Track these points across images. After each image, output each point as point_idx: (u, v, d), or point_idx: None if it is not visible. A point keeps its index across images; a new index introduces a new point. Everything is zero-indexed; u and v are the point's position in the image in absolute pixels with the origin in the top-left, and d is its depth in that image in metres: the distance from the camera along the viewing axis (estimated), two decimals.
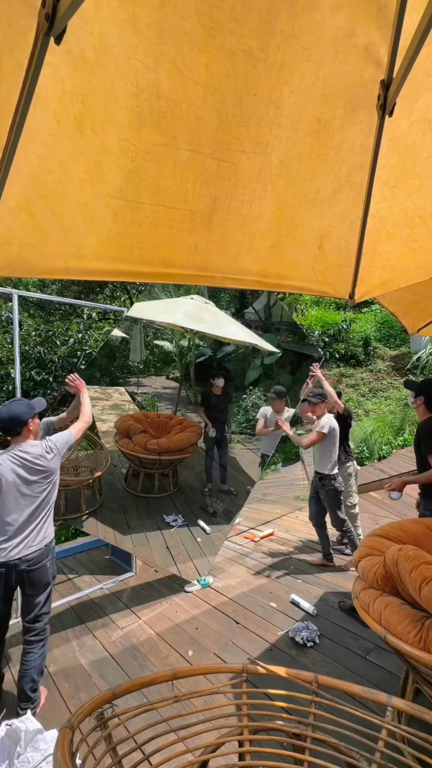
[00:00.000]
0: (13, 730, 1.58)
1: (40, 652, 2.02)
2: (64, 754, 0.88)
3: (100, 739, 1.18)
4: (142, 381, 9.03)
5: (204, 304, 4.68)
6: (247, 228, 1.36)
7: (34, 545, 1.97)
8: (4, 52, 0.76)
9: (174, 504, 4.51)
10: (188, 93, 0.92)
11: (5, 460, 1.91)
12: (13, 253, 1.27)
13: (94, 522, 3.79)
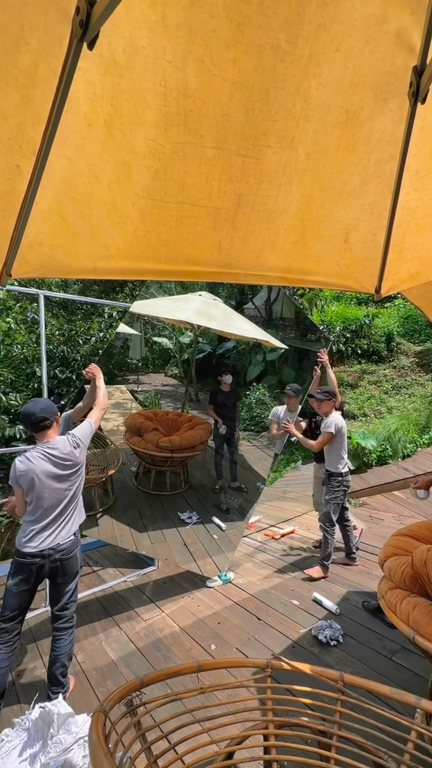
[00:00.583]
0: (47, 712, 1.65)
1: (69, 638, 2.09)
2: (98, 736, 0.92)
3: (130, 726, 1.22)
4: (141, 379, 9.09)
5: (212, 301, 4.63)
6: (272, 224, 1.35)
7: (66, 535, 2.05)
8: (40, 60, 0.79)
9: (187, 502, 4.55)
10: (215, 90, 0.92)
11: (36, 458, 1.97)
12: (44, 255, 1.32)
13: (109, 520, 3.88)
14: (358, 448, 6.08)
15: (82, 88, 0.86)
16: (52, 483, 1.99)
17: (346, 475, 3.37)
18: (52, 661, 2.03)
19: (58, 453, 2.00)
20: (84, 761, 1.50)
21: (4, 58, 0.76)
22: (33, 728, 1.69)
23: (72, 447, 2.06)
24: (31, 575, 1.95)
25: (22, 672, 2.30)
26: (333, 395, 3.37)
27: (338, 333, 8.84)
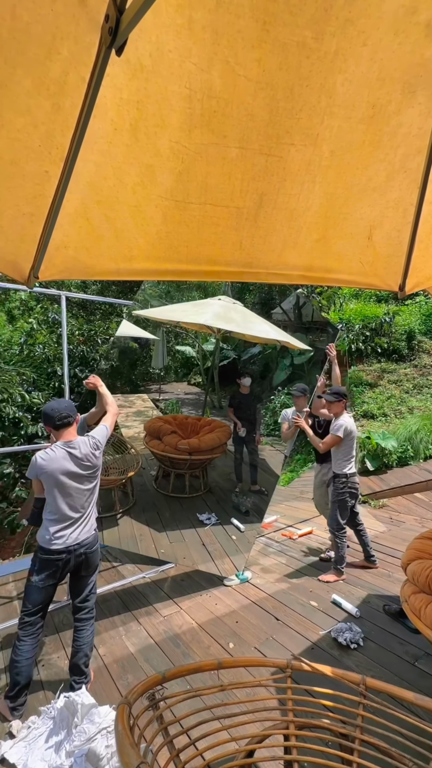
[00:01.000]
0: (71, 702, 1.70)
1: (91, 629, 2.15)
2: (124, 727, 0.94)
3: (152, 719, 1.24)
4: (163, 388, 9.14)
5: (232, 304, 4.64)
6: (294, 222, 1.34)
7: (89, 530, 2.11)
8: (70, 68, 0.81)
9: (206, 503, 4.57)
10: (239, 90, 0.92)
11: (58, 455, 2.01)
12: (69, 257, 1.35)
13: (129, 520, 3.95)
14: (377, 448, 5.96)
15: (109, 93, 0.88)
16: (73, 482, 2.04)
17: (351, 476, 3.27)
18: (75, 651, 2.09)
19: (79, 453, 2.05)
20: (107, 751, 1.54)
21: (37, 68, 0.79)
22: (58, 717, 1.74)
23: (92, 449, 2.11)
24: (57, 571, 2.01)
25: (46, 662, 2.37)
26: (343, 396, 3.27)
27: (357, 331, 8.67)
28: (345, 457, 3.27)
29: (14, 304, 9.97)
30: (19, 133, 0.89)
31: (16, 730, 1.84)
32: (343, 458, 3.27)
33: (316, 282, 1.77)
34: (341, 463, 3.27)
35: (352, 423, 3.27)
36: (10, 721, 1.89)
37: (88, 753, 1.49)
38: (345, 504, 3.26)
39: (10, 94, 0.81)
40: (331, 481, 3.34)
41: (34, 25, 0.71)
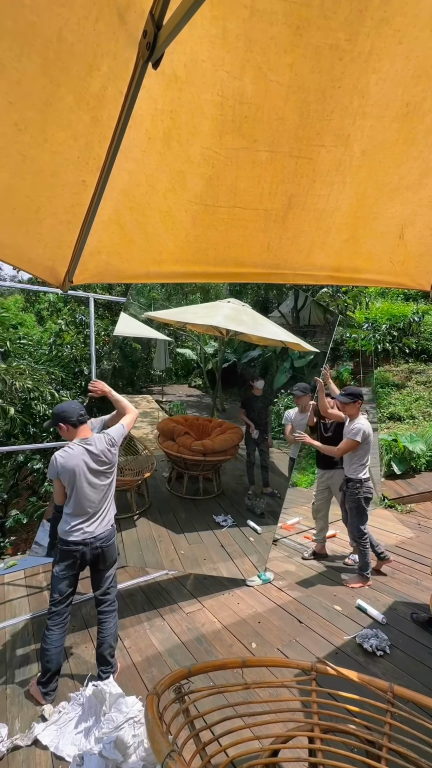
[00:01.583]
0: (99, 690, 1.76)
1: (114, 621, 2.22)
2: (154, 716, 0.97)
3: (179, 712, 1.27)
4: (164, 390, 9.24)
5: (241, 307, 4.69)
6: (322, 223, 1.33)
7: (106, 525, 2.18)
8: (109, 83, 0.84)
9: (220, 506, 4.59)
10: (271, 95, 0.93)
11: (77, 453, 2.08)
12: (102, 262, 1.40)
13: (146, 522, 4.03)
14: (405, 451, 5.78)
15: (145, 104, 0.91)
16: (91, 478, 2.10)
17: (366, 481, 3.17)
18: (100, 642, 2.16)
19: (95, 449, 2.11)
20: (134, 740, 1.59)
21: (78, 84, 0.83)
22: (87, 704, 1.81)
23: (107, 445, 2.16)
24: (75, 561, 2.09)
25: (74, 653, 2.46)
26: (358, 396, 3.13)
27: (384, 331, 8.43)
28: (360, 462, 3.17)
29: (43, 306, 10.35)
30: (61, 146, 0.94)
31: (48, 714, 1.92)
32: (358, 463, 3.17)
33: (343, 282, 1.75)
34: (356, 468, 3.17)
35: (369, 426, 3.16)
36: (43, 705, 1.98)
37: (116, 741, 1.54)
38: (363, 509, 3.18)
39: (54, 111, 0.86)
40: (345, 487, 3.24)
41: (77, 45, 0.75)
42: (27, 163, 0.95)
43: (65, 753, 1.72)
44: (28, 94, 0.80)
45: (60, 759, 1.73)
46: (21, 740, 1.80)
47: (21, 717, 1.97)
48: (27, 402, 5.34)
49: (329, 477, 3.55)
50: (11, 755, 1.77)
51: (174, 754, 0.81)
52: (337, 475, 3.51)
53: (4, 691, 2.15)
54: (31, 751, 1.79)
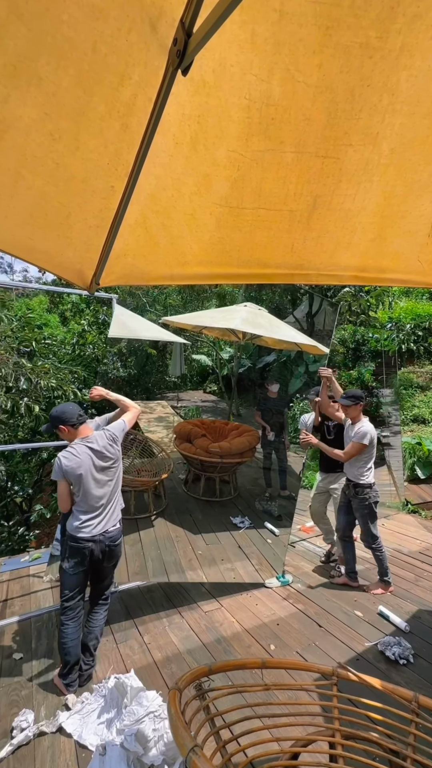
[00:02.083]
0: (121, 683, 1.80)
1: (104, 614, 2.29)
2: (177, 711, 0.99)
3: (199, 709, 1.28)
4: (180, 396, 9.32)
5: (257, 311, 4.74)
6: (348, 223, 1.32)
7: (113, 523, 2.21)
8: (139, 91, 0.87)
9: (237, 507, 4.61)
10: (298, 96, 0.93)
11: (81, 453, 2.10)
12: (128, 264, 1.44)
13: (164, 522, 4.08)
14: (429, 455, 5.60)
15: (173, 110, 0.93)
16: (97, 475, 2.14)
17: (374, 485, 3.09)
18: (88, 632, 2.21)
19: (96, 446, 2.14)
20: (154, 734, 1.62)
21: (110, 93, 0.85)
22: (109, 696, 1.86)
23: (108, 441, 2.20)
24: (84, 558, 2.12)
25: None
26: (360, 398, 3.08)
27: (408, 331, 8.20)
28: (366, 465, 3.08)
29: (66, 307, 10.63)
30: (92, 154, 0.97)
31: (71, 704, 1.98)
32: (364, 467, 3.08)
33: (368, 282, 1.72)
34: (363, 472, 3.07)
35: (373, 428, 3.08)
36: (66, 695, 2.05)
37: (137, 733, 1.58)
38: (374, 514, 3.09)
39: (86, 120, 0.89)
40: (353, 494, 3.14)
41: (110, 56, 0.78)
42: (60, 171, 0.98)
43: (88, 742, 1.77)
44: (63, 105, 0.83)
45: (83, 747, 1.78)
46: (46, 727, 1.87)
47: (46, 704, 2.05)
48: (51, 400, 5.51)
49: (330, 481, 3.47)
50: (37, 740, 1.84)
51: (197, 749, 0.83)
52: (338, 479, 3.43)
53: (29, 678, 2.24)
54: (56, 738, 1.85)
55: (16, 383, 5.03)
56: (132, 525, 3.97)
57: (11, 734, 1.86)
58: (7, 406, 4.68)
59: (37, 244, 1.21)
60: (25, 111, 0.82)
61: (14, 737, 1.82)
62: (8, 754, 1.76)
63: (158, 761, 1.58)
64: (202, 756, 0.81)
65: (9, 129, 0.84)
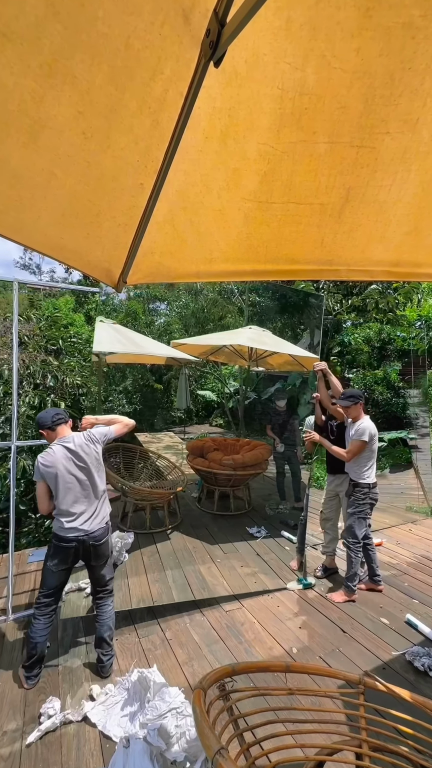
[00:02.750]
0: (144, 677, 1.82)
1: (111, 603, 2.31)
2: (202, 711, 0.98)
3: (223, 710, 1.27)
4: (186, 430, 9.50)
5: (262, 332, 5.13)
6: (382, 215, 1.26)
7: (100, 523, 2.21)
8: (170, 86, 0.86)
9: (252, 520, 4.64)
10: (333, 83, 0.89)
11: (57, 452, 2.15)
12: (155, 262, 1.44)
13: (180, 536, 4.15)
14: None
15: (204, 104, 0.91)
16: (75, 472, 2.16)
17: (374, 486, 2.99)
18: (100, 625, 2.24)
19: (72, 445, 2.18)
20: (176, 730, 1.62)
21: (142, 89, 0.85)
22: (132, 689, 1.88)
23: (86, 440, 2.22)
24: (67, 557, 2.15)
25: (118, 638, 2.56)
26: (359, 398, 2.98)
27: None
28: (367, 464, 2.98)
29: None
30: (122, 151, 0.98)
31: (96, 694, 2.02)
32: (365, 465, 2.98)
33: (401, 278, 1.65)
34: (363, 472, 2.98)
35: (373, 426, 2.97)
36: (25, 688, 2.11)
37: (160, 729, 1.59)
38: (365, 516, 2.99)
39: (118, 117, 0.89)
40: (351, 492, 3.05)
41: (143, 51, 0.77)
42: (91, 170, 0.99)
43: (112, 733, 1.81)
44: (95, 103, 0.84)
45: (107, 738, 1.81)
46: (72, 715, 1.91)
47: (72, 693, 2.10)
48: (76, 397, 5.65)
49: (338, 483, 3.36)
50: (64, 728, 1.89)
51: (224, 752, 0.82)
52: (346, 480, 3.32)
53: (56, 668, 2.30)
54: (82, 726, 1.90)
55: (43, 380, 5.19)
56: (149, 538, 4.05)
57: (39, 720, 1.92)
58: (35, 402, 4.84)
59: (68, 243, 1.23)
60: (60, 110, 0.83)
61: (42, 723, 1.88)
62: (36, 739, 1.82)
63: (180, 758, 1.58)
64: (229, 759, 0.80)
65: (44, 129, 0.85)
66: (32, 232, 1.14)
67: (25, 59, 0.72)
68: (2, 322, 6.06)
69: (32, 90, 0.77)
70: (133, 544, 3.77)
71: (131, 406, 8.82)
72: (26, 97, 0.78)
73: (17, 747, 1.80)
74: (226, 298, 10.78)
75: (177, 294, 12.33)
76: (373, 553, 3.16)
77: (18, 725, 1.91)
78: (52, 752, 1.77)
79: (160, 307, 12.72)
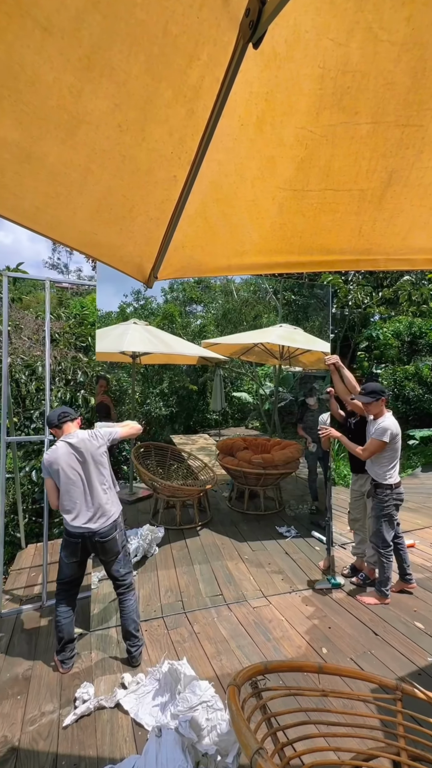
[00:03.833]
0: (174, 669, 1.84)
1: (132, 597, 2.32)
2: (238, 709, 0.98)
3: (256, 707, 1.26)
4: (222, 433, 9.50)
5: (293, 329, 5.05)
6: (428, 199, 1.19)
7: (104, 523, 2.22)
8: (207, 72, 0.83)
9: (282, 520, 4.59)
10: (380, 58, 0.84)
11: (60, 448, 2.19)
12: (186, 256, 1.42)
13: (209, 532, 4.17)
14: None
15: (240, 89, 0.88)
16: (76, 467, 2.19)
17: (396, 486, 2.82)
18: (125, 619, 2.28)
19: (74, 441, 2.20)
20: (207, 723, 1.63)
21: (178, 77, 0.83)
22: (163, 680, 1.91)
23: (89, 437, 2.24)
24: (76, 551, 2.20)
25: (148, 629, 2.61)
26: (381, 393, 2.79)
27: None
28: (389, 465, 2.81)
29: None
30: (157, 143, 0.96)
31: (128, 683, 2.07)
32: (387, 466, 2.81)
33: None
34: (385, 472, 2.81)
35: (396, 424, 2.78)
36: (61, 672, 2.19)
37: (191, 721, 1.60)
38: (391, 518, 2.83)
39: (153, 108, 0.88)
40: (373, 494, 2.89)
41: (181, 37, 0.75)
42: (126, 163, 0.99)
43: (144, 721, 1.84)
44: (132, 94, 0.83)
45: (139, 726, 1.85)
46: (105, 701, 1.97)
47: (104, 680, 2.16)
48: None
49: (362, 483, 3.22)
50: (97, 713, 1.95)
51: (263, 752, 0.80)
52: (366, 480, 3.16)
53: (89, 655, 2.38)
54: (114, 713, 1.95)
55: (74, 376, 5.34)
56: (178, 534, 4.10)
57: (74, 704, 1.99)
58: (66, 397, 4.99)
59: (101, 239, 1.24)
60: (97, 104, 0.82)
61: (77, 707, 1.95)
62: (72, 722, 1.89)
63: (212, 751, 1.59)
64: (269, 760, 0.79)
65: (81, 124, 0.85)
66: (68, 229, 1.15)
67: (65, 53, 0.72)
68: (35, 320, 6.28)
69: (71, 85, 0.77)
70: (164, 539, 3.82)
71: (168, 408, 8.93)
72: (65, 93, 0.78)
73: (55, 728, 1.87)
74: (261, 298, 10.69)
75: (213, 296, 12.37)
76: (404, 553, 3.05)
77: (54, 707, 1.99)
78: (87, 735, 1.83)
79: (197, 310, 12.82)
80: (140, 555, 3.48)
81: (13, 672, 2.24)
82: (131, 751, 1.73)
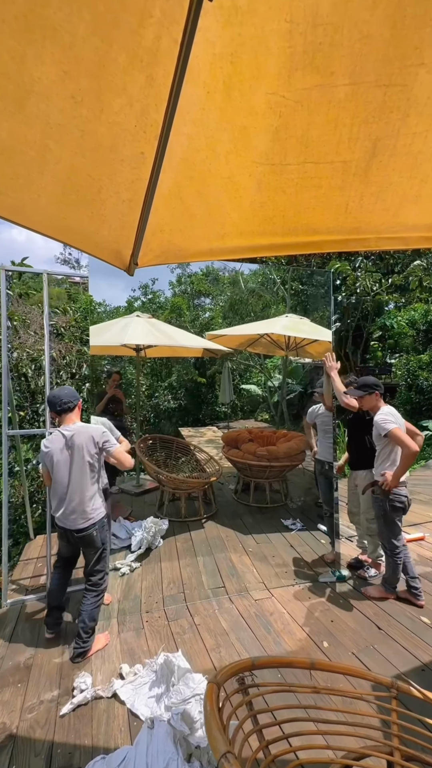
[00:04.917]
0: (170, 661, 1.83)
1: (92, 600, 2.29)
2: (212, 709, 0.94)
3: (242, 703, 1.23)
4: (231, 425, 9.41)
5: (299, 319, 4.94)
6: (418, 170, 1.09)
7: (83, 523, 2.20)
8: (162, 31, 0.77)
9: (288, 513, 4.54)
10: (353, 6, 0.76)
11: (55, 438, 2.18)
12: (165, 241, 1.36)
13: (214, 525, 4.15)
14: None
15: (202, 51, 0.81)
16: (64, 464, 2.18)
17: (399, 486, 2.59)
18: (78, 615, 2.31)
19: (68, 434, 2.18)
20: (200, 716, 1.62)
21: (131, 39, 0.77)
22: (159, 672, 1.91)
23: (87, 440, 2.20)
24: (63, 534, 2.29)
25: (148, 620, 2.62)
26: (374, 387, 2.66)
27: None
28: (388, 460, 2.63)
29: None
30: (117, 116, 0.90)
31: (125, 673, 2.08)
32: (385, 462, 2.64)
33: None
34: (387, 467, 2.63)
35: (398, 415, 2.62)
36: (46, 637, 2.32)
37: (183, 713, 1.59)
38: (392, 519, 2.66)
39: (108, 75, 0.82)
40: (379, 490, 2.70)
41: None
42: (86, 139, 0.93)
43: (140, 712, 1.85)
44: (81, 59, 0.77)
45: (135, 716, 1.86)
46: (102, 691, 1.98)
47: (102, 670, 2.18)
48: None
49: (354, 478, 3.11)
50: (94, 703, 1.96)
51: (230, 756, 0.77)
52: (363, 477, 3.01)
53: None
54: (111, 703, 1.96)
55: (79, 369, 5.37)
56: (183, 527, 4.10)
57: (72, 693, 2.01)
58: None
59: (72, 223, 1.19)
60: (44, 71, 0.77)
61: (75, 696, 1.97)
62: (69, 711, 1.91)
63: (204, 743, 1.58)
64: (235, 765, 0.75)
65: (29, 95, 0.80)
66: (33, 212, 1.10)
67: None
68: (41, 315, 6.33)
69: (11, 48, 0.71)
70: (168, 531, 3.83)
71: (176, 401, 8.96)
72: (5, 58, 0.72)
73: (52, 716, 1.89)
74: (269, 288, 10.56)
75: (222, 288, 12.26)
76: (408, 563, 2.82)
77: (53, 696, 2.02)
78: (83, 724, 1.85)
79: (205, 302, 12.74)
80: (144, 547, 3.49)
81: (15, 660, 2.27)
82: (126, 742, 1.74)
